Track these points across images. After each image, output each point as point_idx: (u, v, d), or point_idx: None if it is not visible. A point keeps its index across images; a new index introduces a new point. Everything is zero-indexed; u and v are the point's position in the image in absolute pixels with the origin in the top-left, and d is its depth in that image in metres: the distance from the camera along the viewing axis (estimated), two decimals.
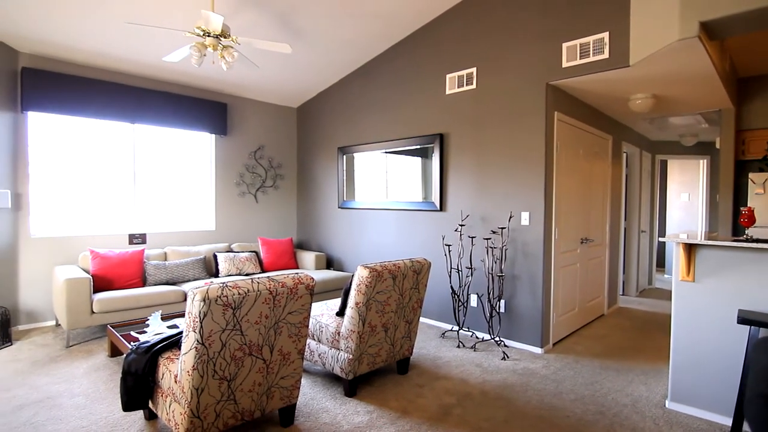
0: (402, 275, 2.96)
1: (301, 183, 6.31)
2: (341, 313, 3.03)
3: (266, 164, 6.02)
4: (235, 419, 2.21)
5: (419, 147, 4.65)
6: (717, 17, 2.64)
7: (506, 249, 3.95)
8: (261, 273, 5.21)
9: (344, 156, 5.52)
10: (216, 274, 4.95)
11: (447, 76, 4.36)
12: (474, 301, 4.19)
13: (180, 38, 4.06)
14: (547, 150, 3.71)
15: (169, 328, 3.13)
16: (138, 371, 2.28)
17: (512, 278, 3.92)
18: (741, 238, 2.54)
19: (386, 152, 5.03)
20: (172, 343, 2.40)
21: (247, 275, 5.02)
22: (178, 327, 3.15)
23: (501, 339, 3.99)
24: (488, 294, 3.94)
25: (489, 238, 4.02)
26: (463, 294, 4.24)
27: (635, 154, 6.00)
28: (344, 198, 5.55)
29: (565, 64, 3.53)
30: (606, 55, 3.30)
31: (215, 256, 5.00)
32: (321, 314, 3.15)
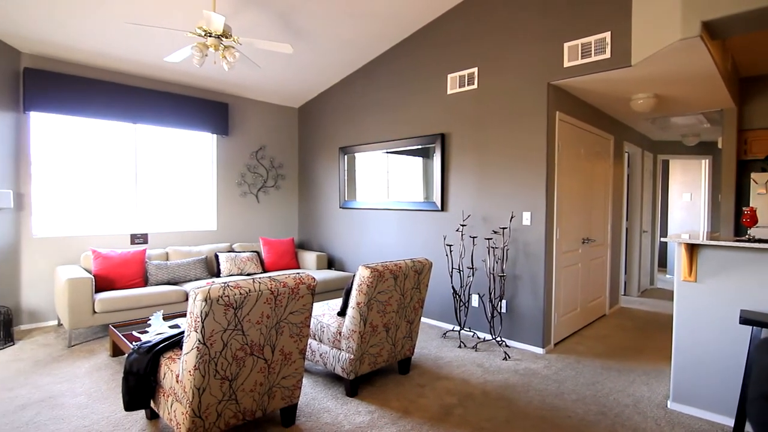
0: (403, 275, 2.96)
1: (303, 183, 6.31)
2: (342, 313, 3.03)
3: (267, 164, 6.03)
4: (237, 419, 2.21)
5: (420, 147, 4.65)
6: (719, 17, 2.64)
7: (507, 249, 3.94)
8: (262, 273, 5.21)
9: (345, 156, 5.52)
10: (217, 274, 4.96)
11: (448, 76, 4.36)
12: (475, 301, 4.19)
13: (181, 38, 4.07)
14: (549, 150, 3.71)
15: (171, 328, 3.14)
16: (140, 371, 2.29)
17: (514, 278, 3.92)
18: (743, 239, 2.53)
19: (387, 152, 5.03)
20: (174, 343, 2.40)
21: (249, 275, 5.03)
22: (180, 327, 3.15)
23: (502, 339, 3.99)
24: (489, 294, 3.94)
25: (490, 238, 4.01)
26: (465, 294, 4.23)
27: (637, 154, 5.98)
28: (345, 198, 5.55)
29: (567, 64, 3.53)
30: (608, 55, 3.30)
31: (217, 256, 5.01)
32: (322, 314, 3.15)
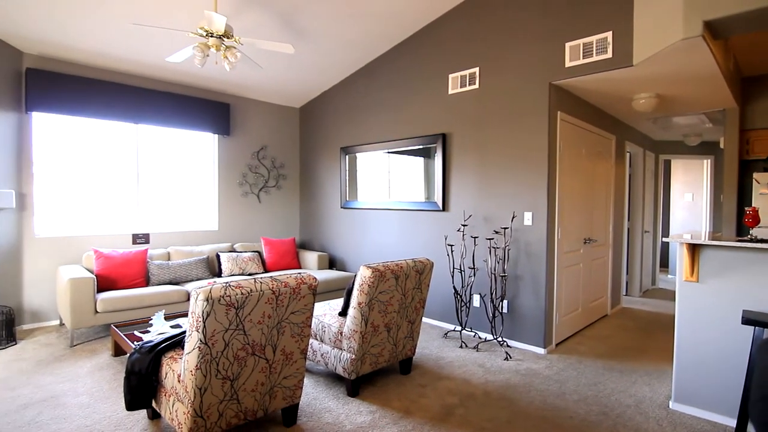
0: (405, 275, 2.96)
1: (304, 183, 6.32)
2: (344, 313, 3.03)
3: (269, 164, 6.04)
4: (238, 419, 2.22)
5: (422, 147, 4.65)
6: (721, 16, 2.63)
7: (509, 249, 3.94)
8: (264, 273, 5.21)
9: (347, 156, 5.53)
10: (219, 274, 4.96)
11: (450, 76, 4.36)
12: (477, 302, 4.19)
13: (183, 39, 4.07)
14: (550, 150, 3.70)
15: (173, 328, 3.14)
16: (141, 371, 2.29)
17: (515, 278, 3.92)
18: (745, 239, 2.53)
19: (389, 152, 5.03)
20: (176, 343, 2.41)
21: (250, 275, 5.03)
22: (182, 327, 3.16)
23: (504, 339, 3.99)
24: (491, 294, 3.94)
25: (492, 238, 4.01)
26: (466, 294, 4.23)
27: (639, 154, 5.97)
28: (347, 198, 5.55)
29: (568, 64, 3.52)
30: (609, 55, 3.29)
31: (218, 256, 5.02)
32: (324, 314, 3.15)
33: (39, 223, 4.32)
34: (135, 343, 2.70)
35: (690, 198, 7.54)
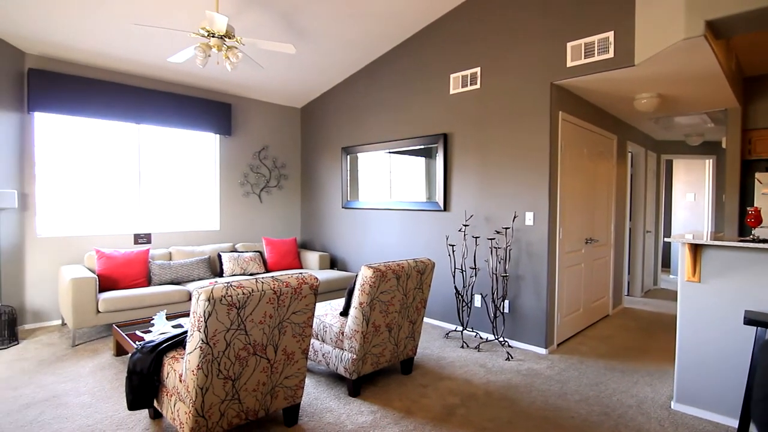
0: (406, 275, 2.96)
1: (305, 183, 6.32)
2: (345, 313, 3.03)
3: (270, 164, 6.04)
4: (240, 418, 2.22)
5: (423, 147, 4.65)
6: (723, 16, 2.62)
7: (510, 249, 3.94)
8: (265, 273, 5.22)
9: (348, 156, 5.53)
10: (220, 274, 4.97)
11: (451, 76, 4.36)
12: (478, 302, 4.18)
13: (184, 39, 4.08)
14: (552, 150, 3.70)
15: (174, 328, 3.14)
16: (143, 370, 2.29)
17: (516, 278, 3.91)
18: (747, 239, 2.52)
19: (390, 152, 5.03)
20: (177, 343, 2.41)
21: (252, 275, 5.04)
22: (183, 326, 3.16)
23: (505, 339, 3.98)
24: (492, 294, 3.93)
25: (493, 239, 4.01)
26: (467, 294, 4.23)
27: (640, 154, 5.96)
28: (348, 198, 5.56)
29: (570, 64, 3.52)
30: (611, 55, 3.29)
31: (219, 256, 5.02)
32: (325, 314, 3.15)
33: (41, 223, 4.33)
34: (137, 343, 2.71)
35: (692, 198, 7.52)
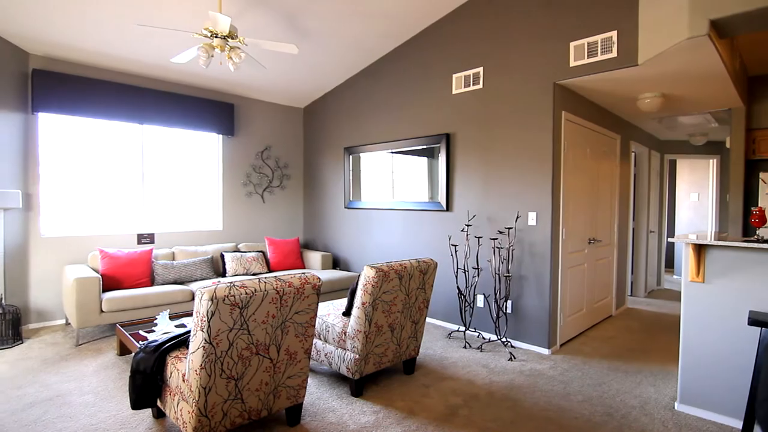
0: (408, 275, 2.96)
1: (308, 183, 6.33)
2: (347, 313, 3.03)
3: (273, 164, 6.05)
4: (242, 418, 2.22)
5: (426, 147, 4.65)
6: (727, 15, 2.61)
7: (513, 249, 3.93)
8: (268, 273, 5.23)
9: (350, 156, 5.53)
10: (223, 274, 4.98)
11: (453, 76, 4.35)
12: (480, 302, 4.18)
13: (187, 39, 4.09)
14: (555, 150, 3.69)
15: (177, 328, 3.15)
16: (146, 370, 2.30)
17: (519, 279, 3.91)
18: (752, 239, 2.51)
19: (392, 152, 5.03)
20: (180, 342, 2.42)
21: (254, 275, 5.05)
22: (186, 326, 3.17)
23: (508, 340, 3.98)
24: (495, 294, 3.93)
25: (496, 239, 4.00)
26: (470, 294, 4.23)
27: (644, 154, 5.94)
28: (350, 198, 5.56)
29: (573, 64, 3.51)
30: (614, 54, 3.28)
31: (222, 256, 5.03)
32: (327, 314, 3.16)
33: (45, 223, 4.35)
34: (140, 343, 2.72)
35: (696, 198, 7.49)
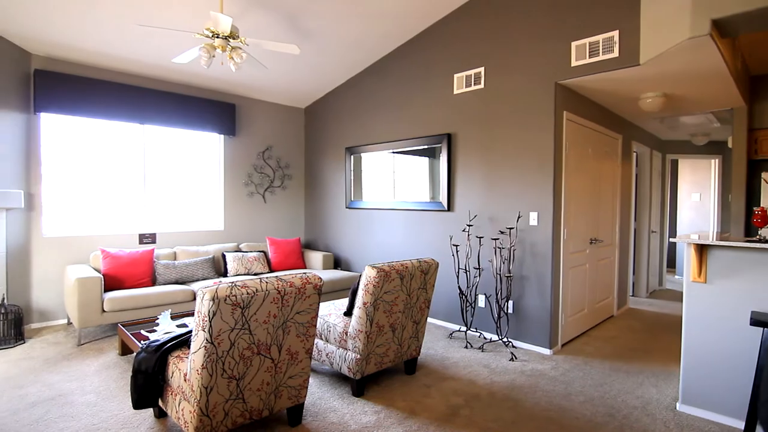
0: (410, 275, 2.96)
1: (309, 183, 6.33)
2: (349, 313, 3.03)
3: (274, 164, 6.05)
4: (244, 418, 2.22)
5: (427, 147, 4.65)
6: (729, 15, 2.61)
7: (514, 249, 3.93)
8: (269, 273, 5.23)
9: (352, 156, 5.53)
10: (225, 274, 4.98)
11: (455, 76, 4.35)
12: (482, 302, 4.17)
13: (189, 39, 4.10)
14: (556, 150, 3.69)
15: (179, 327, 3.15)
16: (148, 370, 2.30)
17: (520, 279, 3.90)
18: (754, 239, 2.50)
19: (394, 152, 5.03)
20: (182, 342, 2.42)
21: (256, 275, 5.05)
22: (188, 326, 3.17)
23: (509, 340, 3.97)
24: (496, 294, 3.93)
25: (497, 239, 4.00)
26: (471, 294, 4.22)
27: (645, 154, 5.93)
28: (352, 198, 5.56)
29: (574, 63, 3.50)
30: (616, 54, 3.27)
31: (224, 256, 5.04)
32: (329, 314, 3.16)
33: (47, 223, 4.36)
34: (142, 342, 2.72)
35: (697, 198, 7.48)
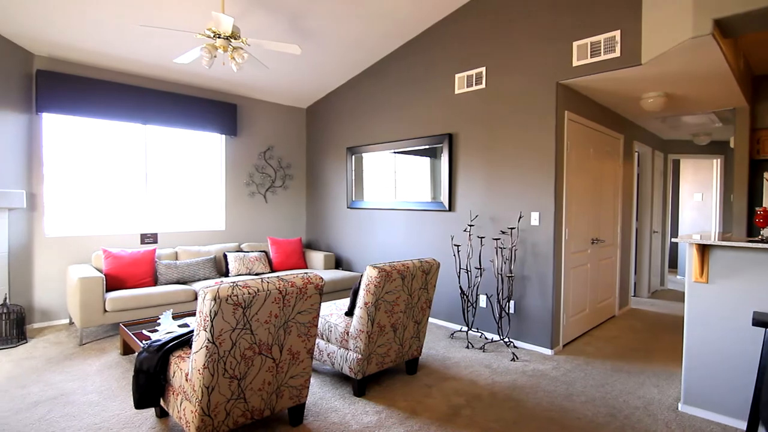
0: (411, 275, 2.96)
1: (310, 183, 6.33)
2: (350, 313, 3.03)
3: (276, 164, 6.06)
4: (245, 418, 2.23)
5: (428, 147, 4.65)
6: (731, 14, 2.60)
7: (516, 249, 3.92)
8: (270, 273, 5.24)
9: (353, 156, 5.53)
10: (226, 274, 4.99)
11: (456, 76, 4.35)
12: (483, 302, 4.17)
13: (191, 40, 4.10)
14: (558, 149, 3.68)
15: (180, 327, 3.16)
16: (150, 369, 2.31)
17: (522, 279, 3.90)
18: (756, 239, 2.49)
19: (395, 152, 5.03)
20: (183, 342, 2.42)
21: (257, 275, 5.06)
22: (189, 326, 3.18)
23: (510, 340, 3.97)
24: (497, 295, 3.92)
25: (498, 239, 4.00)
26: (472, 294, 4.22)
27: (647, 154, 5.92)
28: (353, 198, 5.56)
29: (576, 63, 3.50)
30: (617, 54, 3.27)
31: (225, 256, 5.04)
32: (330, 314, 3.16)
33: (49, 223, 4.37)
34: (143, 342, 2.73)
35: (699, 198, 7.46)
